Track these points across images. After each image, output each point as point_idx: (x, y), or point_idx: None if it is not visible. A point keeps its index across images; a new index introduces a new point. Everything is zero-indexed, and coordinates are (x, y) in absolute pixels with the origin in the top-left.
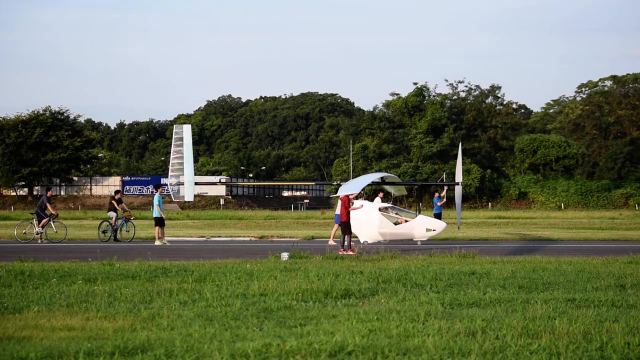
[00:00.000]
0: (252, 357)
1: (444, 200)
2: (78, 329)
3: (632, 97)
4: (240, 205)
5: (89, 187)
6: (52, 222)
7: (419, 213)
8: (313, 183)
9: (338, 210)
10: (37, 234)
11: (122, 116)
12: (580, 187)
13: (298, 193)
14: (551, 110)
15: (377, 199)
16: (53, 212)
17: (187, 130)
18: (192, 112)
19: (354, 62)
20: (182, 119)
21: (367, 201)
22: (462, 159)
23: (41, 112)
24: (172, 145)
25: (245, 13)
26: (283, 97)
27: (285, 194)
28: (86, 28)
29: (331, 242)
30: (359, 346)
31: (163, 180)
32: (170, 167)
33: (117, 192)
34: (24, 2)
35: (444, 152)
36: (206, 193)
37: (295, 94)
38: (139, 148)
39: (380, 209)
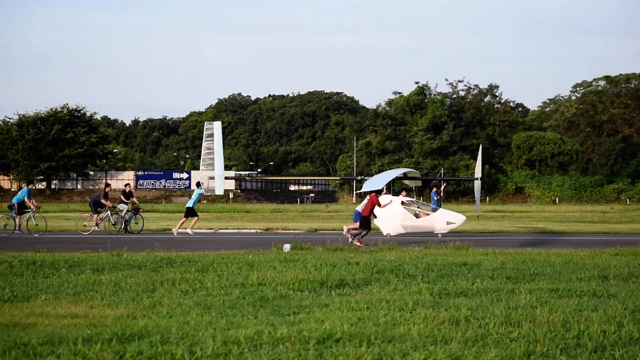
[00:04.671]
0: (243, 343)
1: (441, 195)
2: (81, 317)
3: (625, 97)
4: (248, 198)
5: (104, 181)
6: (108, 214)
7: (439, 207)
8: (338, 178)
9: (359, 207)
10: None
11: (137, 113)
12: (574, 182)
13: (304, 187)
14: (547, 109)
15: (401, 196)
16: (109, 203)
17: (217, 127)
18: (204, 110)
19: (359, 62)
20: (194, 116)
21: (394, 196)
22: (461, 155)
23: (59, 109)
24: (203, 141)
25: (254, 15)
26: (291, 95)
27: (292, 188)
28: (102, 29)
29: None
30: (346, 334)
31: (175, 175)
32: (201, 162)
33: (126, 185)
34: (41, 3)
35: (444, 149)
36: None
37: (302, 93)
38: (153, 144)
39: (402, 203)
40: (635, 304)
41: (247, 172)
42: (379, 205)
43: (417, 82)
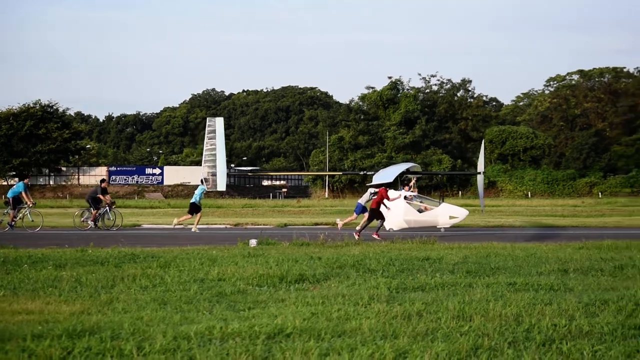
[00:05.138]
0: (193, 339)
1: (415, 189)
2: (36, 313)
3: (598, 91)
4: (220, 194)
5: (76, 176)
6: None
7: (442, 201)
8: (341, 173)
9: (362, 200)
10: (95, 222)
11: (111, 109)
12: (547, 176)
13: (277, 182)
14: (521, 103)
15: (404, 191)
16: (107, 199)
17: (219, 123)
18: (178, 105)
19: (332, 57)
20: (168, 111)
21: (400, 191)
22: (434, 149)
23: (32, 105)
24: (205, 138)
25: (228, 10)
26: (265, 90)
27: (265, 183)
28: (77, 26)
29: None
30: (297, 328)
31: (148, 170)
32: (203, 159)
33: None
34: (20, 1)
35: (417, 143)
36: (189, 182)
37: (276, 88)
38: (126, 140)
39: (405, 197)
40: (590, 297)
41: (249, 168)
42: (388, 198)
43: (390, 77)
